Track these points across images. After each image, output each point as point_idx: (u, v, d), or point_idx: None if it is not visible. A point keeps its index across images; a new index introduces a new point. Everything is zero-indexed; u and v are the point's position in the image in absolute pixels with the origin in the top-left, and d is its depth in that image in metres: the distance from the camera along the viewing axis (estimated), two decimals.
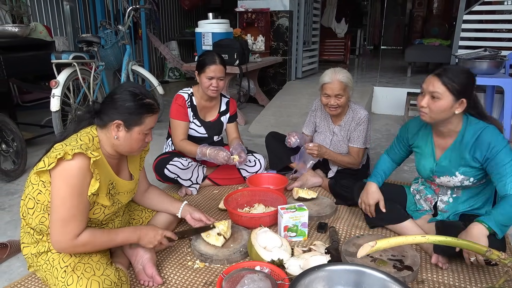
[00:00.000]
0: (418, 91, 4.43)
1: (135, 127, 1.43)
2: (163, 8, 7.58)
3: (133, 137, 1.44)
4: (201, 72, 2.32)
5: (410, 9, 10.11)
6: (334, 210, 2.19)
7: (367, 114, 2.38)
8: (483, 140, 1.60)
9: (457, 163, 1.69)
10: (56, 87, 2.90)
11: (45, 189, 1.35)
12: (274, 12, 4.94)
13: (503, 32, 4.65)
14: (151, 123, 1.47)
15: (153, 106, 1.47)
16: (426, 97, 1.64)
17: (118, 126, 1.41)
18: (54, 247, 1.36)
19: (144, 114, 1.43)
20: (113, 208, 1.52)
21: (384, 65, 6.92)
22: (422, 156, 1.83)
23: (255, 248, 1.65)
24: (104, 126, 1.44)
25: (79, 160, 1.30)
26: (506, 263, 1.34)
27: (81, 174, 1.31)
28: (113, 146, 1.45)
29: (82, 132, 1.44)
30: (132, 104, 1.41)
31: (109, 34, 3.96)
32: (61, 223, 1.31)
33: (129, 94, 1.42)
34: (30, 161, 2.89)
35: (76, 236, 1.34)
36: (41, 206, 1.38)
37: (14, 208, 2.30)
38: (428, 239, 1.36)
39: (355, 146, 2.37)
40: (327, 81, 2.26)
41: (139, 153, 1.59)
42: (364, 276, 1.29)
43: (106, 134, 1.44)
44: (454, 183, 1.72)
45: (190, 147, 2.33)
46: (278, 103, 4.56)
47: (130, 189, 1.61)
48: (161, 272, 1.66)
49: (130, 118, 1.41)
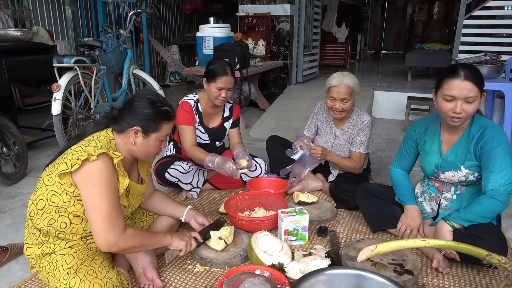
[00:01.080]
0: (419, 96, 4.46)
1: (152, 133, 1.48)
2: (164, 13, 7.62)
3: (150, 143, 1.49)
4: (211, 81, 2.31)
5: (411, 13, 10.16)
6: (335, 214, 2.19)
7: (371, 119, 2.37)
8: (488, 134, 1.64)
9: (463, 157, 1.72)
10: (58, 90, 2.91)
11: (61, 191, 1.37)
12: (275, 16, 4.96)
13: (503, 37, 4.66)
14: (167, 130, 1.52)
15: (170, 113, 1.52)
16: (459, 103, 1.60)
17: (136, 132, 1.46)
18: (103, 246, 1.35)
19: (162, 121, 1.49)
20: (126, 211, 1.56)
21: (385, 70, 6.93)
22: (428, 153, 1.84)
23: (255, 251, 1.65)
24: (122, 131, 1.48)
25: (103, 159, 1.34)
26: (507, 267, 1.34)
27: (110, 171, 1.35)
28: (130, 151, 1.50)
29: (99, 134, 1.48)
30: (150, 111, 1.46)
31: (111, 38, 3.97)
32: (107, 219, 1.33)
33: (148, 101, 1.47)
34: (31, 165, 2.90)
35: (123, 230, 1.38)
36: (52, 207, 1.39)
37: (15, 211, 2.31)
38: (428, 243, 1.36)
39: (357, 151, 2.36)
40: (334, 84, 2.26)
41: (153, 160, 1.63)
42: (365, 280, 1.28)
43: (124, 139, 1.48)
44: (459, 177, 1.74)
45: (200, 155, 2.28)
46: (278, 107, 4.57)
47: (141, 193, 1.64)
48: (162, 275, 1.66)
49: (148, 125, 1.46)
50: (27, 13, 4.60)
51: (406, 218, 1.85)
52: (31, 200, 1.46)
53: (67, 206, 1.38)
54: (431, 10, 9.48)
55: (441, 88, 1.65)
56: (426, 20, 9.54)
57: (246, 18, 4.86)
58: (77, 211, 1.39)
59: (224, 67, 2.31)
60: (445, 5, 9.32)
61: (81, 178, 1.33)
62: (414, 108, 4.18)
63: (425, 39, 8.75)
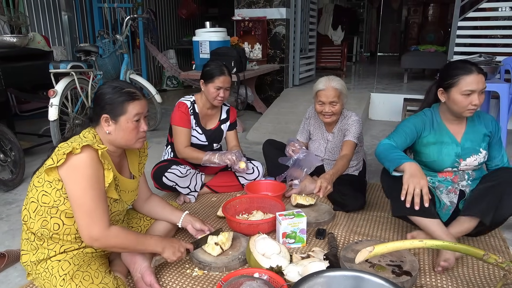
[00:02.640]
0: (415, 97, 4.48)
1: (120, 116, 1.46)
2: (160, 18, 7.64)
3: (123, 127, 1.47)
4: (209, 82, 2.34)
5: (406, 16, 10.23)
6: (332, 216, 2.19)
7: (358, 118, 2.41)
8: (484, 115, 1.90)
9: (479, 140, 1.87)
10: (54, 96, 2.91)
11: (51, 189, 1.37)
12: (271, 20, 4.98)
13: (498, 38, 4.70)
14: (135, 109, 1.48)
15: (134, 93, 1.49)
16: (476, 95, 1.72)
17: (107, 121, 1.46)
18: (88, 241, 1.37)
19: (125, 102, 1.46)
20: (118, 206, 1.54)
21: (381, 72, 6.97)
22: (443, 145, 1.88)
23: (253, 255, 1.65)
24: (97, 124, 1.49)
25: (88, 152, 1.34)
26: (504, 266, 1.35)
27: (94, 164, 1.35)
28: (110, 141, 1.50)
29: (84, 131, 1.49)
30: (111, 96, 1.46)
31: (107, 44, 3.98)
32: (88, 214, 1.34)
33: (108, 87, 1.48)
34: (28, 171, 2.89)
35: (107, 226, 1.38)
36: (44, 208, 1.39)
37: (12, 217, 2.30)
38: (426, 243, 1.37)
39: (350, 139, 2.31)
40: (322, 88, 2.28)
41: (141, 146, 1.58)
42: (363, 281, 1.28)
43: (100, 132, 1.49)
44: (479, 160, 1.86)
45: (196, 154, 2.36)
46: (275, 110, 4.58)
47: (132, 188, 1.63)
48: (160, 280, 1.65)
49: (112, 109, 1.46)
50: (23, 19, 4.60)
51: (412, 176, 1.58)
52: (24, 205, 1.47)
53: (58, 205, 1.38)
54: (426, 12, 9.54)
55: (457, 85, 1.74)
56: (421, 22, 9.61)
57: (242, 22, 4.88)
58: (68, 209, 1.39)
59: (220, 67, 2.35)
60: (439, 7, 9.38)
61: (66, 172, 1.34)
62: (411, 109, 4.19)
63: (420, 41, 8.80)
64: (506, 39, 4.52)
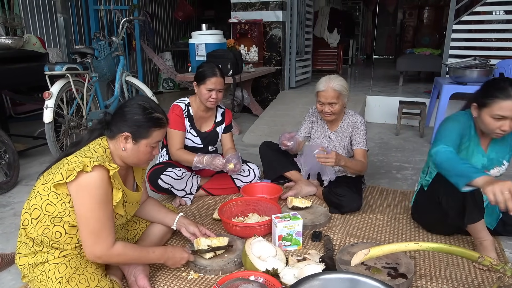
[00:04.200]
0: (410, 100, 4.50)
1: (142, 140, 1.46)
2: (157, 20, 7.63)
3: (141, 149, 1.47)
4: (201, 84, 2.34)
5: (401, 19, 10.28)
6: (328, 219, 2.20)
7: (363, 119, 2.42)
8: None
9: (504, 152, 1.85)
10: (49, 98, 2.89)
11: (57, 200, 1.36)
12: (267, 23, 4.99)
13: (492, 41, 4.74)
14: (158, 137, 1.50)
15: (162, 120, 1.50)
16: (508, 122, 1.64)
17: (126, 138, 1.45)
18: (90, 258, 1.39)
19: (152, 127, 1.47)
20: (123, 220, 1.55)
21: (377, 74, 7.00)
22: (472, 155, 1.84)
23: (249, 257, 1.64)
24: (113, 137, 1.47)
25: (99, 172, 1.33)
26: (498, 269, 1.35)
27: (104, 185, 1.34)
28: (121, 157, 1.49)
29: (94, 143, 1.46)
30: (140, 118, 1.44)
31: (103, 46, 3.97)
32: (94, 235, 1.34)
33: (139, 107, 1.46)
34: (23, 173, 2.87)
35: (111, 245, 1.38)
36: (48, 217, 1.38)
37: (6, 220, 2.28)
38: (421, 246, 1.37)
39: (360, 147, 2.37)
40: (321, 89, 2.29)
41: (146, 166, 1.62)
42: (359, 284, 1.28)
43: (115, 145, 1.47)
44: (501, 172, 1.84)
45: (187, 156, 2.34)
46: (271, 112, 4.59)
47: (137, 200, 1.63)
48: (155, 283, 1.64)
49: (138, 131, 1.45)
50: (18, 20, 4.57)
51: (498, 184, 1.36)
52: (24, 209, 1.45)
53: (62, 216, 1.37)
54: (421, 16, 9.59)
55: (490, 107, 1.66)
56: (416, 25, 9.65)
57: (238, 25, 4.89)
58: (73, 221, 1.38)
59: (213, 68, 2.34)
60: (434, 10, 9.44)
61: (76, 189, 1.33)
62: (406, 112, 4.22)
63: (415, 44, 8.85)
64: (500, 43, 4.56)
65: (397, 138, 4.07)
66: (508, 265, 1.38)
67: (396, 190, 2.66)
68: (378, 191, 2.63)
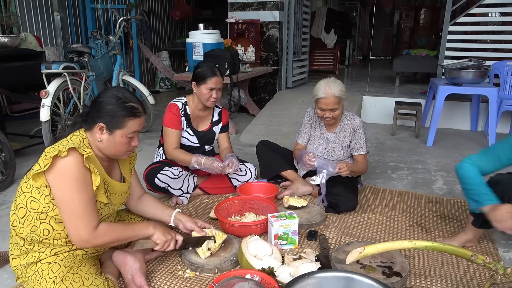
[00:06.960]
0: (406, 100, 4.52)
1: (117, 130, 1.44)
2: (154, 19, 7.63)
3: (116, 140, 1.45)
4: (201, 83, 2.34)
5: (398, 20, 10.32)
6: (324, 218, 2.21)
7: (361, 120, 2.45)
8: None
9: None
10: (46, 97, 2.89)
11: (40, 195, 1.36)
12: (264, 23, 5.01)
13: (488, 43, 4.77)
14: (134, 127, 1.47)
15: (136, 109, 1.47)
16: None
17: (101, 129, 1.43)
18: (76, 243, 1.38)
19: (126, 117, 1.44)
20: (108, 210, 1.53)
21: (373, 75, 7.02)
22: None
23: (245, 256, 1.65)
24: (90, 129, 1.46)
25: (74, 155, 1.33)
26: (491, 267, 1.37)
27: (80, 168, 1.34)
28: (99, 148, 1.47)
29: (72, 135, 1.46)
30: (114, 107, 1.42)
31: (100, 45, 3.97)
32: (76, 217, 1.34)
33: (112, 97, 1.44)
34: (19, 172, 2.86)
35: (95, 226, 1.38)
36: (33, 214, 1.38)
37: (2, 219, 2.28)
38: (415, 244, 1.39)
39: (361, 153, 2.44)
40: (321, 96, 2.28)
41: (127, 157, 1.59)
42: (354, 282, 1.30)
43: (92, 137, 1.46)
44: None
45: (184, 156, 2.34)
46: (268, 112, 4.60)
47: (123, 191, 1.61)
48: (152, 281, 1.65)
49: (112, 121, 1.43)
50: (14, 19, 4.56)
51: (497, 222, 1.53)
52: (12, 210, 1.45)
53: (47, 211, 1.37)
54: (417, 17, 9.64)
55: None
56: (412, 26, 9.70)
57: (235, 25, 4.90)
58: (57, 215, 1.38)
59: (212, 68, 2.36)
60: (431, 12, 9.49)
61: (53, 176, 1.33)
62: (402, 112, 4.24)
63: (412, 45, 8.89)
64: (495, 44, 4.60)
65: (393, 138, 4.09)
66: (501, 263, 1.40)
67: (391, 190, 2.68)
68: (373, 191, 2.65)
